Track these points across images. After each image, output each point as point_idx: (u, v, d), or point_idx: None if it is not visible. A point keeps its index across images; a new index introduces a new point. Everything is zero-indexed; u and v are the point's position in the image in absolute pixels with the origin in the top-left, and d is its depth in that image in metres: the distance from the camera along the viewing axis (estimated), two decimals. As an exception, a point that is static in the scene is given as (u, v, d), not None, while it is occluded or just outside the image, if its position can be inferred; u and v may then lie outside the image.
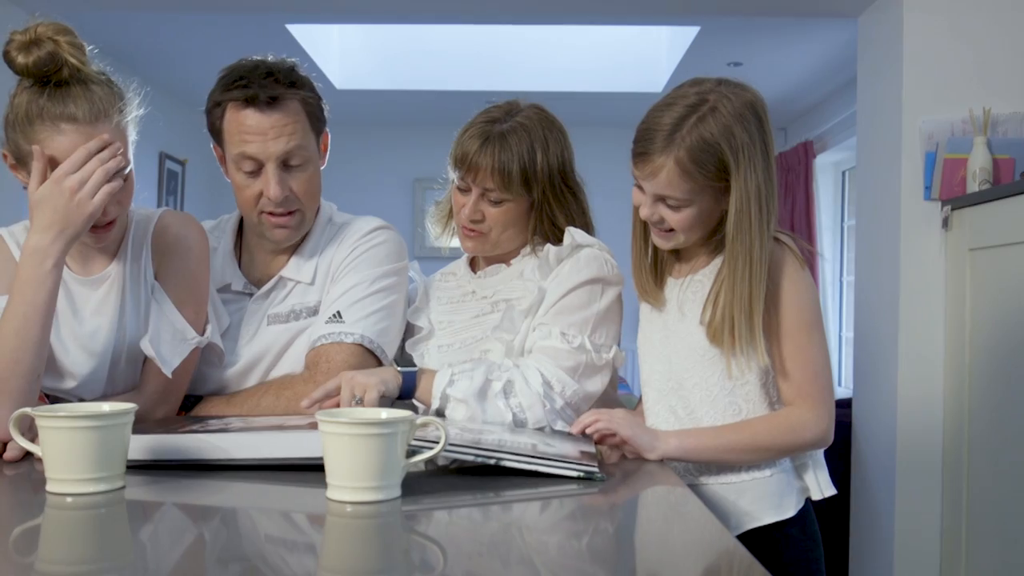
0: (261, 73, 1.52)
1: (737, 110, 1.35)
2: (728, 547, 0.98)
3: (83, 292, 1.48)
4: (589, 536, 1.05)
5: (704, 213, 1.40)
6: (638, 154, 1.39)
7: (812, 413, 1.38)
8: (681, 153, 1.34)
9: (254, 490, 1.17)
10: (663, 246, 1.47)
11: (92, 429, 1.08)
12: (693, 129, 1.34)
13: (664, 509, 1.21)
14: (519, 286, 1.60)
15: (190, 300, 1.51)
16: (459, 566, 0.90)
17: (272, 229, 1.59)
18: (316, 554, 0.95)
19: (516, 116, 1.58)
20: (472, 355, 1.58)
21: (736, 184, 1.35)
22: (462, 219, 1.60)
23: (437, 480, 1.22)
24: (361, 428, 1.05)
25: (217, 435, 1.23)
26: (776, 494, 1.43)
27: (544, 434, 1.42)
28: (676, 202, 1.38)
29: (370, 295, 1.60)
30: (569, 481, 1.21)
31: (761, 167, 1.36)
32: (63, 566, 0.90)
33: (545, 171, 1.56)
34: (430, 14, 4.17)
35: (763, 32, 4.39)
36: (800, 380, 1.39)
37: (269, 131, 1.52)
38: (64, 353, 1.46)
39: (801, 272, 1.41)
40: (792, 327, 1.39)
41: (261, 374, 1.62)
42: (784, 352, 1.40)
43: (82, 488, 1.08)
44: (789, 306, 1.39)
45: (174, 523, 1.07)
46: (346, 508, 1.05)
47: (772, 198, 1.37)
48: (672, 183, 1.36)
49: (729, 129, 1.34)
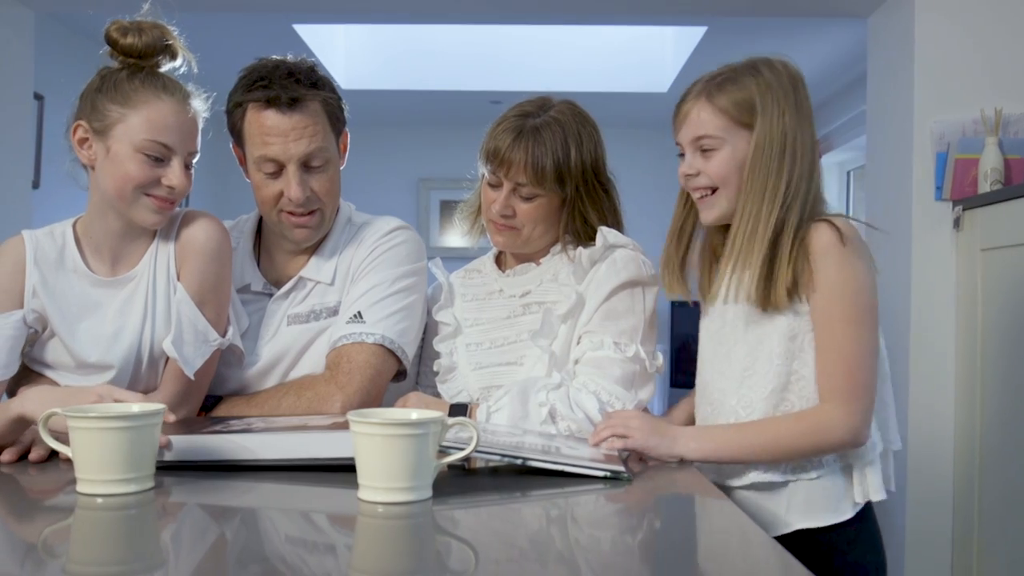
0: (282, 74, 1.52)
1: (775, 69, 1.40)
2: (760, 542, 0.97)
3: (108, 293, 1.49)
4: (621, 536, 1.05)
5: (739, 161, 1.39)
6: (675, 113, 1.44)
7: (841, 411, 1.32)
8: (711, 89, 1.39)
9: (283, 491, 1.17)
10: (707, 217, 1.44)
11: (123, 430, 1.08)
12: (727, 76, 1.39)
13: (692, 507, 1.21)
14: (553, 289, 1.60)
15: (212, 301, 1.51)
16: (492, 567, 0.90)
17: (292, 229, 1.59)
18: (348, 555, 0.95)
19: (549, 111, 1.57)
20: (505, 356, 1.59)
21: (762, 121, 1.36)
22: (493, 214, 1.59)
23: (463, 481, 1.22)
24: (394, 429, 1.05)
25: (246, 435, 1.23)
26: (824, 497, 1.39)
27: (569, 438, 1.42)
28: (711, 143, 1.39)
29: (390, 295, 1.59)
30: (595, 481, 1.21)
31: (792, 117, 1.37)
32: (94, 567, 0.90)
33: (578, 167, 1.56)
34: (436, 14, 4.17)
35: (769, 32, 4.38)
36: (832, 375, 1.33)
37: (290, 133, 1.52)
38: (87, 353, 1.46)
39: (850, 259, 1.33)
40: (830, 316, 1.33)
41: (281, 374, 1.62)
42: (819, 342, 1.35)
43: (113, 489, 1.08)
44: (829, 293, 1.33)
45: (204, 524, 1.06)
46: (378, 509, 1.05)
47: (801, 151, 1.36)
48: (703, 120, 1.39)
49: (760, 75, 1.38)
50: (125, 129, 1.42)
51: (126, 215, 1.46)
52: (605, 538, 1.03)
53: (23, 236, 1.50)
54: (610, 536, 1.05)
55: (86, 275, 1.49)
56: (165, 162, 1.44)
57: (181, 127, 1.45)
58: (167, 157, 1.44)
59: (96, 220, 1.49)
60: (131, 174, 1.42)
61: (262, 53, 1.62)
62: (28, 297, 1.46)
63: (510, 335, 1.61)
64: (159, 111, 1.42)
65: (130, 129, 1.42)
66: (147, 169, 1.42)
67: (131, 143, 1.42)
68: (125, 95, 1.42)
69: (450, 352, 1.65)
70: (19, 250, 1.48)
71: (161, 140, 1.42)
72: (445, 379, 1.64)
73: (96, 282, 1.49)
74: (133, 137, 1.42)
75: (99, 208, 1.48)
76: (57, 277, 1.48)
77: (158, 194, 1.45)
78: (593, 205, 1.60)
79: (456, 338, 1.66)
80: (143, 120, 1.42)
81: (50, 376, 1.50)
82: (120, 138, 1.42)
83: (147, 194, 1.44)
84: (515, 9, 3.84)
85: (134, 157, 1.42)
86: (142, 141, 1.42)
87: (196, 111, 1.48)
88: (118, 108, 1.42)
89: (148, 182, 1.43)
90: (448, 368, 1.64)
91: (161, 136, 1.42)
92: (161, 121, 1.42)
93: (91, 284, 1.48)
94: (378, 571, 0.90)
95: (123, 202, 1.44)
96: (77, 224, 1.53)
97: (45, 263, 1.48)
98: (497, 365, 1.59)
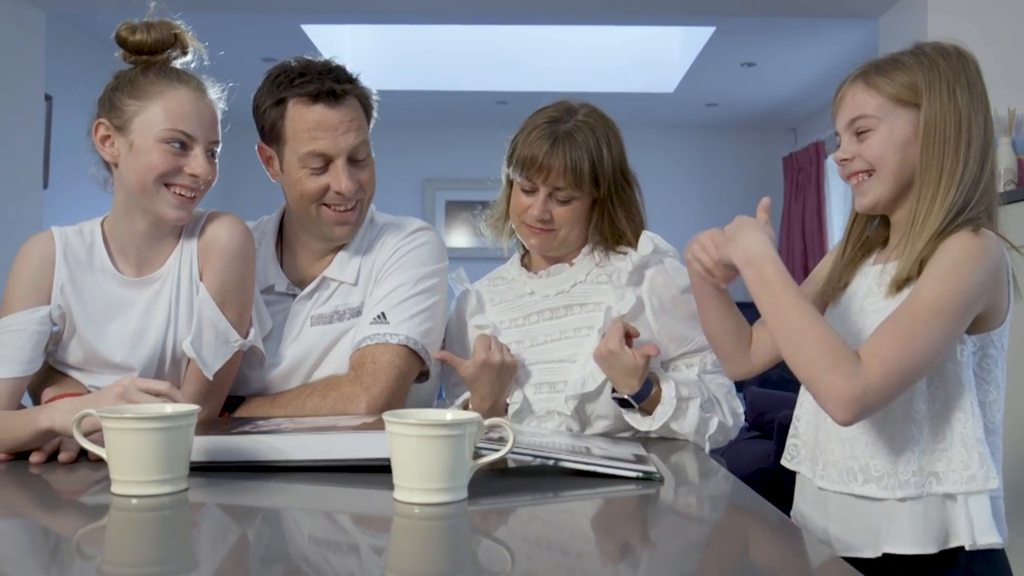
0: (320, 70, 1.54)
1: (943, 49, 1.29)
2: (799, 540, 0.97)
3: (133, 293, 1.48)
4: (659, 536, 1.05)
5: (898, 141, 1.27)
6: (833, 102, 1.36)
7: (859, 371, 1.16)
8: (870, 71, 1.30)
9: (316, 492, 1.17)
10: (861, 204, 1.33)
11: (158, 431, 1.08)
12: (887, 59, 1.30)
13: (724, 507, 1.21)
14: (593, 290, 1.63)
15: (234, 301, 1.50)
16: (528, 568, 0.89)
17: (333, 226, 1.60)
18: (385, 556, 0.95)
19: (576, 115, 1.60)
20: (554, 354, 1.61)
21: (929, 98, 1.25)
22: (529, 219, 1.61)
23: (493, 481, 1.21)
24: (431, 430, 1.05)
25: (277, 436, 1.23)
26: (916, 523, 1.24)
27: (595, 438, 1.42)
28: (866, 123, 1.29)
29: (414, 296, 1.59)
30: (627, 482, 1.21)
31: (964, 96, 1.25)
32: (129, 568, 0.90)
33: (611, 166, 1.59)
34: (443, 14, 4.18)
35: (777, 32, 4.39)
36: (881, 340, 1.19)
37: (339, 126, 1.53)
38: (111, 353, 1.46)
39: (973, 263, 1.19)
40: (920, 299, 1.19)
41: (304, 375, 1.61)
42: (895, 312, 1.21)
43: (147, 490, 1.08)
44: (933, 281, 1.19)
45: (240, 526, 1.06)
46: (414, 509, 1.05)
47: (978, 134, 1.25)
48: (858, 99, 1.29)
49: (925, 55, 1.28)
50: (144, 121, 1.42)
51: (149, 211, 1.46)
52: (642, 538, 1.03)
53: (52, 232, 1.50)
54: (648, 536, 1.05)
55: (113, 275, 1.48)
56: (187, 150, 1.44)
57: (200, 115, 1.45)
58: (189, 145, 1.44)
59: (122, 220, 1.49)
60: (154, 164, 1.42)
61: (270, 53, 1.64)
62: (56, 293, 1.46)
63: (552, 333, 1.63)
64: (176, 100, 1.43)
65: (149, 120, 1.42)
66: (170, 158, 1.42)
67: (152, 134, 1.42)
68: (141, 88, 1.43)
69: None
70: (48, 246, 1.48)
71: (181, 128, 1.42)
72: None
73: (122, 282, 1.48)
74: (153, 128, 1.42)
75: (125, 208, 1.48)
76: (85, 276, 1.48)
77: (181, 183, 1.44)
78: (621, 204, 1.63)
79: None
80: (161, 110, 1.42)
81: (74, 376, 1.50)
82: (141, 131, 1.42)
83: (169, 186, 1.44)
84: (522, 10, 3.84)
85: (156, 147, 1.42)
86: (162, 131, 1.42)
87: (213, 101, 1.49)
88: (135, 102, 1.42)
89: (171, 171, 1.43)
90: None
91: (181, 124, 1.42)
92: (179, 109, 1.42)
93: (117, 284, 1.48)
94: (416, 572, 0.89)
95: (145, 195, 1.44)
96: (105, 223, 1.53)
97: (74, 261, 1.48)
98: (548, 362, 1.61)
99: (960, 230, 1.21)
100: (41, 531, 1.04)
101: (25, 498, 1.20)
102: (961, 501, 1.22)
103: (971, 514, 1.22)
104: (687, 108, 5.97)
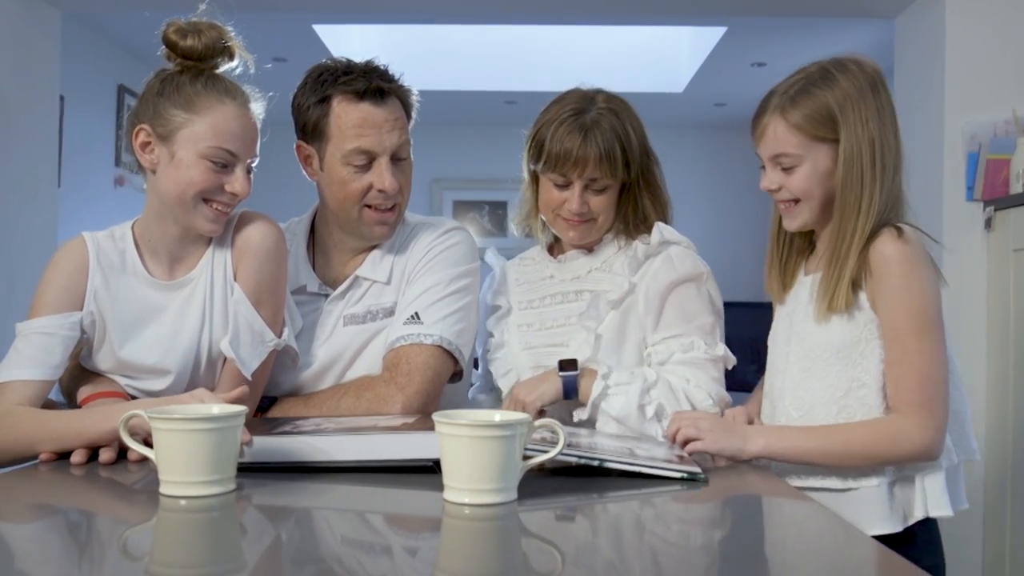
0: (364, 69, 1.55)
1: (850, 72, 1.38)
2: (855, 539, 0.97)
3: (167, 296, 1.48)
4: (708, 537, 1.04)
5: (821, 174, 1.38)
6: (753, 125, 1.43)
7: (915, 422, 1.30)
8: (785, 104, 1.38)
9: (363, 493, 1.17)
10: (790, 226, 1.45)
11: (207, 431, 1.08)
12: (800, 87, 1.38)
13: (773, 507, 1.20)
14: (606, 278, 1.63)
15: (268, 301, 1.50)
16: (578, 570, 0.89)
17: (373, 225, 1.60)
18: (436, 557, 0.95)
19: (597, 103, 1.61)
20: (553, 338, 1.62)
21: (846, 132, 1.35)
22: (566, 212, 1.61)
23: (537, 482, 1.21)
24: (483, 430, 1.04)
25: (325, 437, 1.23)
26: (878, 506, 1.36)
27: (635, 439, 1.42)
28: (790, 160, 1.39)
29: (447, 296, 1.59)
30: (672, 483, 1.21)
31: (875, 122, 1.36)
32: (178, 569, 0.89)
33: (638, 148, 1.61)
34: (453, 14, 4.17)
35: (789, 33, 4.38)
36: (903, 388, 1.32)
37: (384, 124, 1.55)
38: (146, 355, 1.46)
39: (917, 269, 1.33)
40: (900, 329, 1.32)
41: (337, 375, 1.61)
42: (891, 356, 1.33)
43: (196, 491, 1.08)
44: (898, 306, 1.32)
45: (288, 527, 1.06)
46: (464, 510, 1.05)
47: (890, 156, 1.36)
48: (780, 137, 1.38)
49: (835, 83, 1.37)
50: (190, 135, 1.41)
51: (183, 221, 1.45)
52: (691, 540, 1.03)
53: (84, 238, 1.49)
54: (696, 537, 1.04)
55: (145, 278, 1.48)
56: (229, 168, 1.43)
57: (245, 133, 1.44)
58: (231, 164, 1.43)
59: (154, 224, 1.48)
60: (195, 180, 1.41)
61: (282, 53, 1.64)
62: (88, 300, 1.45)
63: (559, 318, 1.64)
64: (224, 116, 1.41)
65: (195, 135, 1.40)
66: (211, 176, 1.42)
67: (196, 149, 1.41)
68: (188, 99, 1.41)
69: (501, 331, 1.69)
70: (81, 252, 1.47)
71: (226, 147, 1.42)
72: (494, 357, 1.68)
73: (155, 285, 1.48)
74: (199, 143, 1.40)
75: (157, 212, 1.47)
76: (118, 280, 1.47)
77: (220, 200, 1.44)
78: (648, 185, 1.65)
79: (508, 318, 1.70)
80: (208, 126, 1.40)
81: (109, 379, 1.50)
82: (185, 144, 1.41)
83: (207, 201, 1.43)
84: (531, 9, 3.83)
85: (199, 163, 1.41)
86: (208, 147, 1.41)
87: (256, 115, 1.48)
88: (182, 113, 1.41)
89: (211, 188, 1.42)
90: (498, 345, 1.69)
91: (226, 143, 1.41)
92: (226, 127, 1.41)
93: (150, 287, 1.48)
94: (468, 573, 0.89)
95: (182, 208, 1.43)
96: (135, 226, 1.52)
97: (108, 266, 1.47)
98: (545, 346, 1.63)
99: (881, 234, 1.34)
100: (89, 531, 1.04)
101: (74, 498, 1.20)
102: (918, 480, 1.36)
103: (925, 489, 1.35)
104: (695, 108, 5.96)
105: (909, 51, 3.21)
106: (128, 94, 4.73)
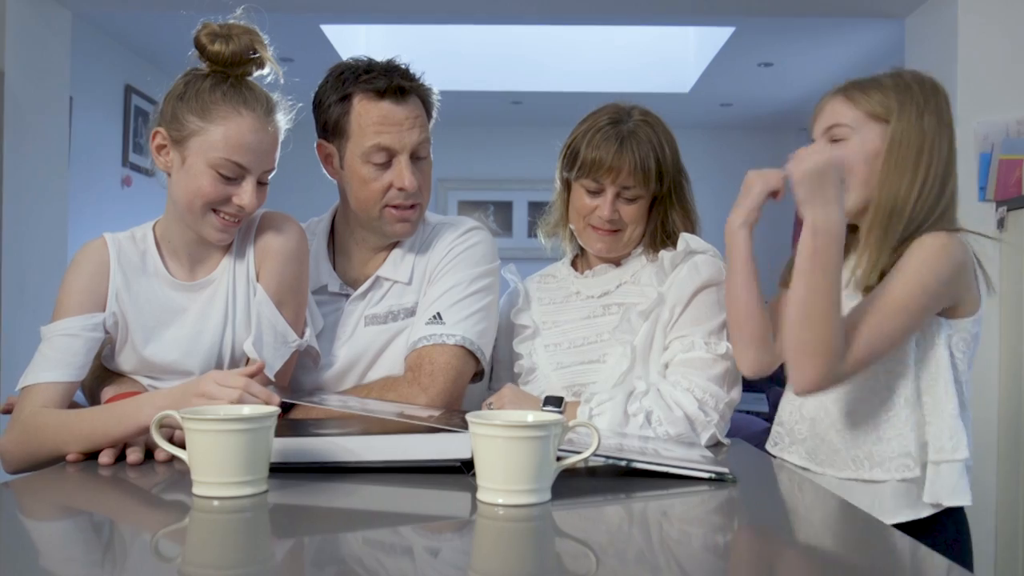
0: (385, 67, 1.55)
1: (919, 76, 1.43)
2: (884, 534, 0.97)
3: (188, 297, 1.48)
4: (742, 537, 1.04)
5: (868, 152, 1.40)
6: (814, 115, 1.48)
7: (830, 368, 1.32)
8: (849, 87, 1.44)
9: (394, 493, 1.16)
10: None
11: (240, 432, 1.07)
12: (866, 78, 1.43)
13: (804, 505, 1.20)
14: (635, 291, 1.63)
15: (290, 302, 1.50)
16: (613, 570, 0.89)
17: (394, 224, 1.60)
18: (470, 557, 0.95)
19: (634, 115, 1.62)
20: (587, 355, 1.60)
21: (898, 117, 1.39)
22: (596, 220, 1.62)
23: (566, 482, 1.20)
24: (518, 431, 1.04)
25: (355, 438, 1.22)
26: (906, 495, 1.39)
27: (661, 440, 1.42)
28: (841, 132, 1.42)
29: (469, 296, 1.59)
30: (700, 483, 1.20)
31: (931, 122, 1.38)
32: (211, 570, 0.89)
33: (671, 163, 1.62)
34: (460, 14, 4.17)
35: (797, 32, 4.38)
36: (852, 337, 1.33)
37: (404, 122, 1.54)
38: (168, 355, 1.46)
39: (940, 260, 1.33)
40: (888, 285, 1.34)
41: (358, 375, 1.61)
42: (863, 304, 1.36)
43: (229, 492, 1.08)
44: (901, 271, 1.34)
45: (321, 527, 1.06)
46: (498, 511, 1.04)
47: (938, 161, 1.37)
48: (836, 110, 1.44)
49: (901, 76, 1.42)
50: (202, 143, 1.39)
51: (193, 228, 1.45)
52: (723, 539, 1.03)
53: (105, 239, 1.49)
54: (727, 537, 1.04)
55: (167, 279, 1.48)
56: (237, 181, 1.41)
57: (259, 145, 1.41)
58: (240, 176, 1.41)
59: (173, 225, 1.48)
60: (202, 189, 1.40)
61: (289, 53, 1.63)
62: (111, 300, 1.45)
63: (590, 335, 1.63)
64: (238, 128, 1.39)
65: (207, 143, 1.39)
66: (219, 186, 1.40)
67: (206, 158, 1.39)
68: (205, 107, 1.39)
69: (529, 353, 1.67)
70: (103, 253, 1.47)
71: (236, 159, 1.40)
72: (527, 380, 1.66)
73: (176, 286, 1.48)
74: (208, 152, 1.39)
75: (175, 214, 1.47)
76: (140, 281, 1.47)
77: (227, 211, 1.42)
78: (679, 200, 1.65)
79: (535, 340, 1.68)
80: (221, 136, 1.38)
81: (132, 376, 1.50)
82: (196, 151, 1.40)
83: (215, 211, 1.42)
84: (537, 10, 3.83)
85: (207, 173, 1.40)
86: (217, 158, 1.39)
87: (277, 126, 1.45)
88: (197, 120, 1.39)
89: (218, 199, 1.41)
90: (529, 369, 1.66)
91: (236, 155, 1.39)
92: (238, 139, 1.39)
93: (171, 288, 1.48)
94: (502, 573, 0.89)
95: (191, 215, 1.43)
96: (156, 227, 1.52)
97: (129, 267, 1.47)
98: (579, 364, 1.61)
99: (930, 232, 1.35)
100: (121, 532, 1.04)
101: (104, 499, 1.20)
102: (932, 469, 1.38)
103: (943, 480, 1.37)
104: (701, 108, 5.97)
105: (920, 51, 3.21)
106: (135, 95, 4.73)
